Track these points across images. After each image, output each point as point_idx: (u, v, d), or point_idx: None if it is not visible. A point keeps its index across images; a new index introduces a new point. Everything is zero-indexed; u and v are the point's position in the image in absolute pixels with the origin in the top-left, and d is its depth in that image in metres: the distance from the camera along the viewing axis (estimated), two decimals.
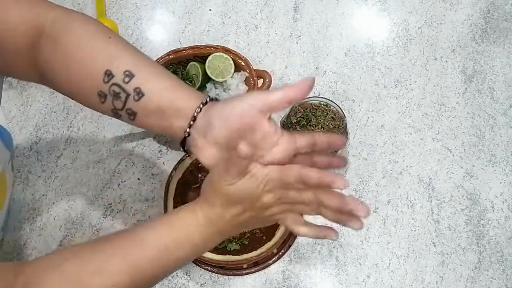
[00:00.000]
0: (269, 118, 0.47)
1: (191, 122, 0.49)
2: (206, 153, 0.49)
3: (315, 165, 0.49)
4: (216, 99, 0.51)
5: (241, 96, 0.47)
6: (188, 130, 0.49)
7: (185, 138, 0.50)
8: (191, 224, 0.49)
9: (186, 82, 0.81)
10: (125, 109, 0.51)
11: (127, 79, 0.49)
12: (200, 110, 0.49)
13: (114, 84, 0.49)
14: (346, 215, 0.47)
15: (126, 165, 0.81)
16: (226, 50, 0.83)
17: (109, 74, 0.49)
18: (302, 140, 0.48)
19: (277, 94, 0.45)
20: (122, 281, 0.46)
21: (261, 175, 0.47)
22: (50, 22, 0.51)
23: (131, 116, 0.51)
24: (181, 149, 0.52)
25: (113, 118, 0.53)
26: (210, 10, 0.95)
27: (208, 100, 0.50)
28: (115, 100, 0.50)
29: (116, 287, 0.46)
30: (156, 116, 0.50)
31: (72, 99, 0.56)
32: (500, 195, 0.77)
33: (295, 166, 0.47)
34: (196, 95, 0.51)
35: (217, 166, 0.48)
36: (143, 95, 0.49)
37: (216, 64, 0.82)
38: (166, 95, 0.50)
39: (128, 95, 0.50)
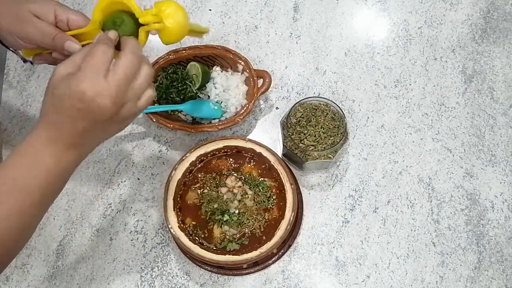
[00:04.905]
0: None
1: None
2: None
3: None
4: None
5: None
6: None
7: None
8: (36, 143, 0.48)
9: (186, 82, 0.81)
10: None
11: None
12: None
13: None
14: None
15: (126, 165, 0.81)
16: (226, 50, 0.83)
17: None
18: None
19: None
20: None
21: None
22: None
23: None
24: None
25: None
26: (210, 10, 0.95)
27: None
28: None
29: None
30: None
31: None
32: (500, 195, 0.77)
33: None
34: None
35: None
36: None
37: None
38: None
39: None
